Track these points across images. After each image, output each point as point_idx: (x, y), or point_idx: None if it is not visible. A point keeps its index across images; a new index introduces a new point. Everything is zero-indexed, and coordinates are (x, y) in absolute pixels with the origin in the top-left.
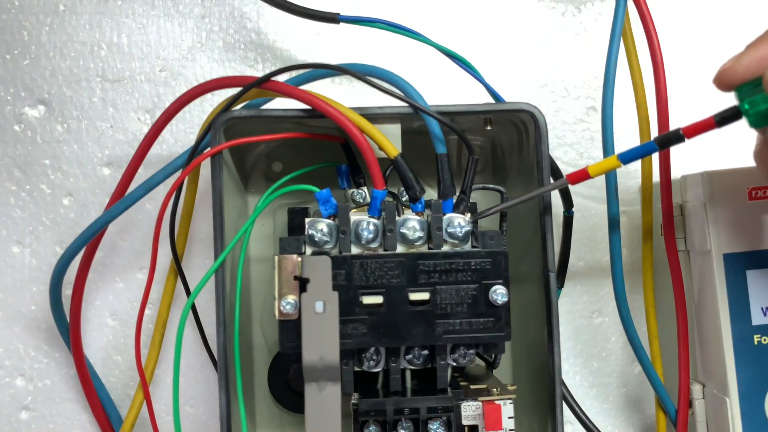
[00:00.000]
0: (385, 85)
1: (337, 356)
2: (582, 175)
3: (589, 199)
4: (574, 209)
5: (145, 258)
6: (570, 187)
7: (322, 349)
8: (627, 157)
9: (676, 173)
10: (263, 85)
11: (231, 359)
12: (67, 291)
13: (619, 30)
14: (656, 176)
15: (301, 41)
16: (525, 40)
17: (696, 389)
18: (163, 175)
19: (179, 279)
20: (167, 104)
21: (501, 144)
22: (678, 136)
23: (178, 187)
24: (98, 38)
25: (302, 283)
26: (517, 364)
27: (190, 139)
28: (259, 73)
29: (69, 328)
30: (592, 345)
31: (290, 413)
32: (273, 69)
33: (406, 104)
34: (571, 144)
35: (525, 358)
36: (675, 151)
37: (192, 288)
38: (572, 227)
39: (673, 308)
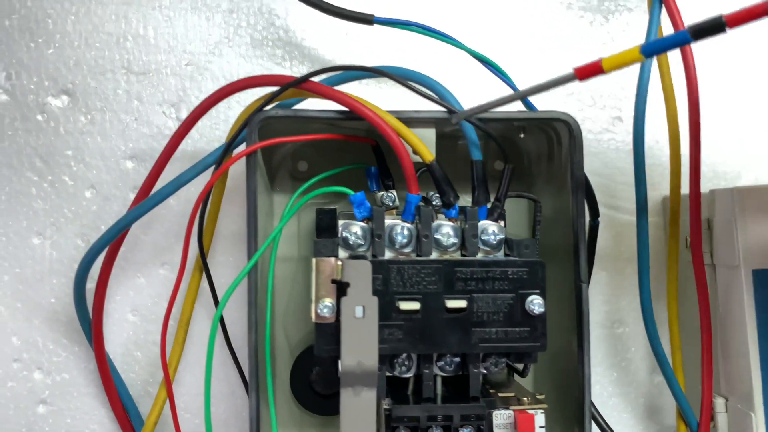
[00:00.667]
0: (423, 89)
1: (376, 362)
2: (594, 69)
3: (612, 209)
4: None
5: (168, 254)
6: (596, 196)
7: (360, 355)
8: (651, 49)
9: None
10: (300, 86)
11: (261, 362)
12: (88, 284)
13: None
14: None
15: (329, 40)
16: (552, 47)
17: (719, 403)
18: (194, 173)
19: (203, 276)
20: (192, 99)
21: (528, 150)
22: (718, 25)
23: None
24: (124, 29)
25: (342, 288)
26: (539, 371)
27: (216, 135)
28: (286, 70)
29: (91, 323)
30: (612, 354)
31: (312, 415)
32: (300, 67)
33: (441, 108)
34: (595, 153)
35: (547, 366)
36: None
37: (217, 286)
38: (597, 237)
39: (694, 321)
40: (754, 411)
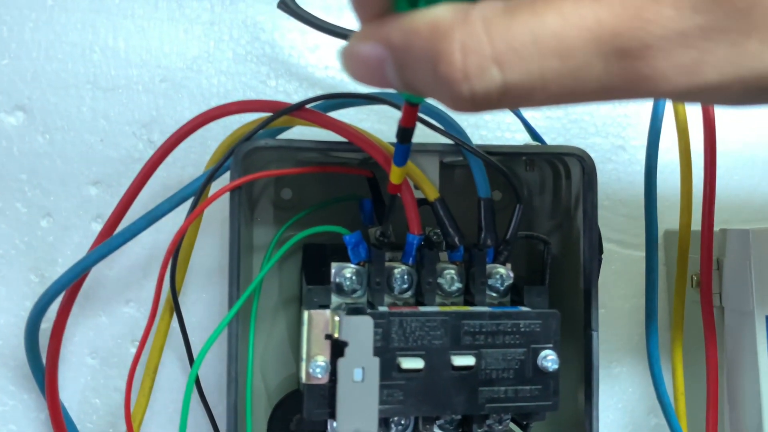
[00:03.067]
0: (429, 120)
1: (375, 429)
2: (395, 188)
3: (613, 242)
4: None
5: (134, 290)
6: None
7: (358, 422)
8: (397, 160)
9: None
10: (294, 113)
11: (241, 419)
12: (42, 325)
13: None
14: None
15: (319, 58)
16: None
17: None
18: (169, 206)
19: (173, 317)
20: (167, 119)
21: (528, 183)
22: (402, 130)
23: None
24: (91, 40)
25: (338, 347)
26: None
27: (191, 159)
28: (271, 89)
29: (44, 368)
30: (608, 395)
31: None
32: (287, 86)
33: (446, 141)
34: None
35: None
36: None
37: (188, 325)
38: (600, 271)
39: (697, 364)
40: None
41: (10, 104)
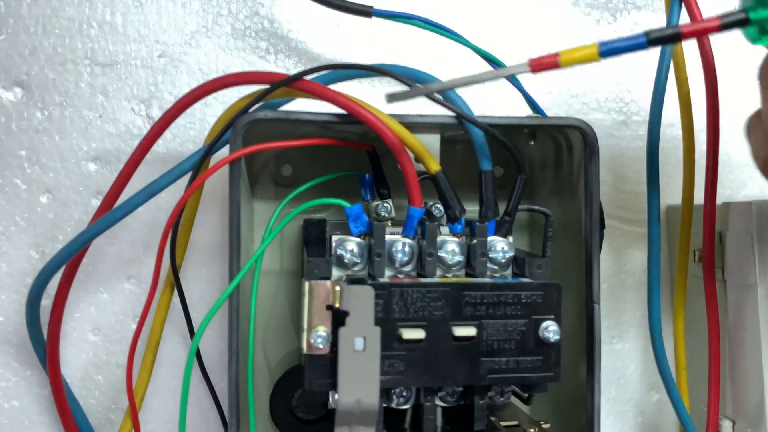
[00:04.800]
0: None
1: (377, 399)
2: (550, 63)
3: (615, 218)
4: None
5: (134, 266)
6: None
7: (359, 392)
8: (609, 50)
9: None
10: (293, 84)
11: (242, 394)
12: (43, 301)
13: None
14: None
15: (319, 33)
16: (558, 45)
17: (725, 425)
18: (168, 180)
19: (174, 292)
20: (165, 94)
21: (530, 157)
22: (675, 35)
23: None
24: (88, 15)
25: (339, 316)
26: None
27: (190, 135)
28: (270, 65)
29: (46, 344)
30: (610, 372)
31: None
32: (286, 61)
33: (447, 113)
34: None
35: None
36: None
37: (189, 302)
38: (602, 247)
39: (700, 338)
40: None
41: (8, 80)
